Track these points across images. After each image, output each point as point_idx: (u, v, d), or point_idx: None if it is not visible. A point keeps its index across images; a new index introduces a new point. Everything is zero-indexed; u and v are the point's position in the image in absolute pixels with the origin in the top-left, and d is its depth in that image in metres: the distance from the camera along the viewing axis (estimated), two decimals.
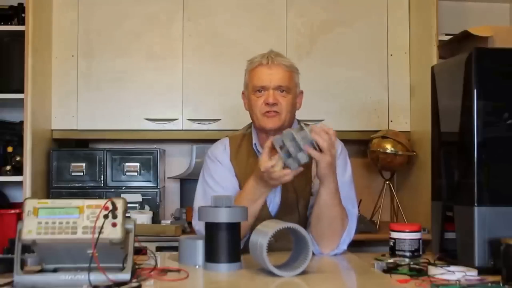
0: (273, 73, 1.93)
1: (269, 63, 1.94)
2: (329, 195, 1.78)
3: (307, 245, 1.50)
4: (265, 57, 1.96)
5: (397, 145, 3.16)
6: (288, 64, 1.97)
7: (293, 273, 1.48)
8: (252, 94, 1.97)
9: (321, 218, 1.83)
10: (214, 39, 3.26)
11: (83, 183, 3.14)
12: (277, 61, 1.95)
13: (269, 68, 1.94)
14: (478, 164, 1.57)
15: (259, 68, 1.95)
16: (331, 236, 1.85)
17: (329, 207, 1.81)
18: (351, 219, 1.90)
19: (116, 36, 3.23)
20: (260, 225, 1.57)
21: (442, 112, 1.78)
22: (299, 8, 3.30)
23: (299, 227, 1.51)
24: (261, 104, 1.94)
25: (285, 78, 1.94)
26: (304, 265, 1.49)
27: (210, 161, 2.05)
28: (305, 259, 1.50)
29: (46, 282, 1.38)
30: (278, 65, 1.94)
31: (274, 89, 1.93)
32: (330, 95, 3.28)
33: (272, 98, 1.92)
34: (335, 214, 1.82)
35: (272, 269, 1.46)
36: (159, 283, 1.43)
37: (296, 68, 2.01)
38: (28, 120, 2.90)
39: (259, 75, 1.95)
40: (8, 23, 3.07)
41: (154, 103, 3.23)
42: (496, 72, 1.62)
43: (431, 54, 3.02)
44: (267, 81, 1.93)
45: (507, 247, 1.42)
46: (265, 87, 1.94)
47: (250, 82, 1.98)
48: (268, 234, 1.47)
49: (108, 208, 1.38)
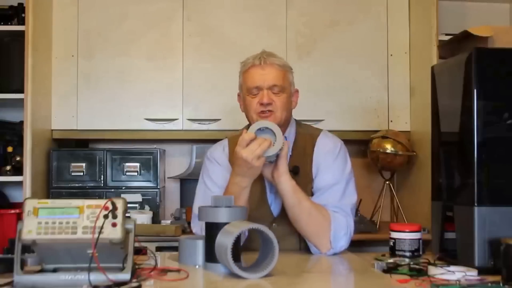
0: (266, 73, 1.94)
1: (261, 63, 1.95)
2: (287, 194, 1.84)
3: (273, 246, 1.46)
4: (258, 58, 1.97)
5: (397, 145, 3.16)
6: (281, 63, 1.97)
7: (259, 275, 1.44)
8: (247, 95, 1.98)
9: (296, 219, 1.88)
10: (214, 39, 3.26)
11: (83, 183, 3.14)
12: (269, 61, 1.96)
13: (262, 68, 1.95)
14: (478, 164, 1.57)
15: (252, 69, 1.96)
16: (317, 235, 1.86)
17: (295, 206, 1.85)
18: (344, 213, 1.90)
19: (116, 36, 3.23)
20: (227, 226, 1.53)
21: (442, 112, 1.79)
22: (299, 8, 3.30)
23: (265, 228, 1.47)
24: (255, 104, 1.95)
25: (278, 77, 1.95)
26: (271, 266, 1.45)
27: (208, 162, 2.06)
28: (271, 261, 1.46)
29: (46, 282, 1.37)
30: (271, 65, 1.95)
31: (268, 89, 1.94)
32: (330, 95, 3.28)
33: (267, 98, 1.93)
34: (308, 211, 1.85)
35: (236, 270, 1.42)
36: (159, 283, 1.43)
37: (289, 67, 2.01)
38: (28, 120, 2.90)
39: (253, 76, 1.96)
40: (8, 23, 3.07)
41: (154, 103, 3.23)
42: (496, 72, 1.62)
43: (431, 54, 3.02)
44: (261, 81, 1.94)
45: (507, 247, 1.42)
46: (259, 87, 1.94)
47: (244, 84, 1.99)
48: (233, 236, 1.43)
49: (108, 208, 1.38)
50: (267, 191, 1.99)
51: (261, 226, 1.48)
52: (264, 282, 1.45)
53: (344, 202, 1.92)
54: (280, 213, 1.97)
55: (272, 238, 1.46)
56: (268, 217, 1.97)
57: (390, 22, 3.34)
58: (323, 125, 3.05)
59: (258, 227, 1.47)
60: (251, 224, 1.47)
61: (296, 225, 1.89)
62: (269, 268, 1.45)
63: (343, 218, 1.89)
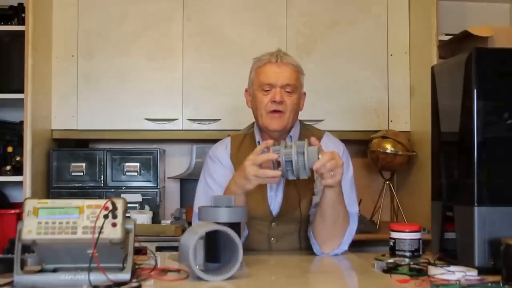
0: (281, 71, 1.94)
1: (278, 61, 1.95)
2: (333, 195, 1.78)
3: (237, 248, 1.43)
4: (274, 55, 1.96)
5: (397, 145, 3.16)
6: (295, 64, 1.98)
7: (222, 277, 1.41)
8: (259, 91, 1.96)
9: (325, 217, 1.83)
10: (214, 39, 3.26)
11: (83, 183, 3.14)
12: (285, 59, 1.96)
13: (278, 66, 1.94)
14: (478, 164, 1.57)
15: (268, 65, 1.96)
16: (334, 236, 1.86)
17: (334, 207, 1.81)
18: (352, 219, 1.90)
19: (116, 36, 3.23)
20: (191, 227, 1.50)
21: (442, 112, 1.78)
22: (299, 8, 3.30)
23: (230, 230, 1.43)
24: (267, 102, 1.94)
25: (292, 77, 1.95)
26: (234, 269, 1.42)
27: (210, 161, 2.05)
28: (235, 263, 1.42)
29: (46, 282, 1.38)
30: (286, 64, 1.95)
31: (281, 87, 1.93)
32: (330, 95, 3.28)
33: (279, 96, 1.92)
34: (339, 213, 1.83)
35: (198, 273, 1.39)
36: (159, 283, 1.43)
37: (302, 69, 2.01)
38: (28, 120, 2.90)
39: (267, 72, 1.95)
40: (8, 23, 3.07)
41: (154, 103, 3.23)
42: (496, 72, 1.62)
43: (431, 54, 3.02)
44: (275, 78, 1.93)
45: (507, 247, 1.42)
46: (272, 85, 1.94)
47: (257, 79, 1.98)
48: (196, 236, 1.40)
49: (108, 208, 1.38)
50: (267, 190, 1.98)
51: (225, 228, 1.43)
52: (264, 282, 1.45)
53: (350, 206, 1.91)
54: (279, 212, 1.97)
55: (237, 242, 1.43)
56: (268, 216, 1.97)
57: (390, 22, 3.34)
58: (323, 125, 3.05)
59: (223, 229, 1.43)
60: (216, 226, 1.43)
61: (320, 222, 1.85)
62: (232, 270, 1.41)
63: (353, 223, 1.90)
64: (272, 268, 1.69)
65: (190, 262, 1.39)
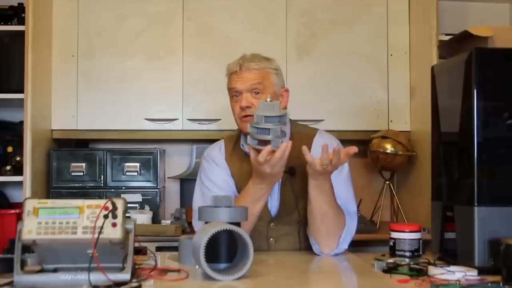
0: (243, 77, 1.96)
1: (238, 70, 1.97)
2: (316, 188, 1.80)
3: (247, 248, 1.43)
4: (237, 64, 1.98)
5: (397, 145, 3.16)
6: (260, 66, 1.97)
7: (232, 277, 1.42)
8: (231, 99, 2.02)
9: (313, 214, 1.84)
10: (214, 39, 3.25)
11: (83, 183, 3.14)
12: (245, 66, 1.96)
13: (239, 75, 1.97)
14: (478, 164, 1.57)
15: (232, 75, 2.00)
16: (328, 234, 1.86)
17: (319, 202, 1.82)
18: (350, 218, 1.90)
19: (116, 36, 3.23)
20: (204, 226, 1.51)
21: (442, 112, 1.79)
22: (299, 8, 3.30)
23: (241, 230, 1.44)
24: (238, 109, 1.98)
25: (257, 79, 1.95)
26: (245, 269, 1.42)
27: (206, 162, 2.07)
28: (246, 263, 1.43)
29: (46, 282, 1.38)
30: (248, 70, 1.96)
31: (248, 91, 1.95)
32: (330, 95, 3.28)
33: (245, 102, 1.94)
34: (326, 210, 1.83)
35: (209, 272, 1.40)
36: (159, 283, 1.43)
37: (273, 68, 2.00)
38: (28, 120, 2.90)
39: (231, 81, 1.99)
40: (8, 23, 3.07)
41: (154, 103, 3.23)
42: (496, 72, 1.62)
43: (431, 54, 3.02)
44: (240, 85, 1.96)
45: (507, 247, 1.42)
46: (239, 91, 1.97)
47: (228, 88, 2.03)
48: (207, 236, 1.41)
49: (108, 208, 1.38)
50: None
51: (237, 228, 1.44)
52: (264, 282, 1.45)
53: (348, 204, 1.92)
54: (278, 213, 1.97)
55: (248, 241, 1.43)
56: (266, 217, 1.97)
57: (390, 22, 3.34)
58: (323, 125, 3.05)
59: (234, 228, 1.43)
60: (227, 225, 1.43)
61: (311, 220, 1.87)
62: (244, 269, 1.42)
63: (352, 221, 1.90)
64: (271, 268, 1.69)
65: (202, 263, 1.39)
